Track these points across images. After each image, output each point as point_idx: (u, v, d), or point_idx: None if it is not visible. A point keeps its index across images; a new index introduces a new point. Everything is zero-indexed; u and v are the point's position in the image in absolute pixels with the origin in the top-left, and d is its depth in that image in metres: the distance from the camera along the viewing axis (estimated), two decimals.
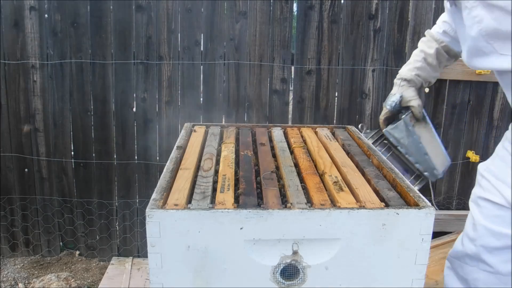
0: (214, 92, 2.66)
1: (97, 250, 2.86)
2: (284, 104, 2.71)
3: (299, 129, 1.86)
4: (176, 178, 1.27)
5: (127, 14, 2.54)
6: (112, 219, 2.81)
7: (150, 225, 1.04)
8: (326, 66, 2.66)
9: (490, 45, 1.16)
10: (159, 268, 1.07)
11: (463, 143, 2.83)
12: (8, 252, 2.85)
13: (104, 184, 2.77)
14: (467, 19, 1.19)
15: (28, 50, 2.56)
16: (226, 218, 1.05)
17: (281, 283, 1.11)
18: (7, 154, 2.69)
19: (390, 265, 1.12)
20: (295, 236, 1.08)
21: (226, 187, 1.20)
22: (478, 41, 1.18)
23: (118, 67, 2.60)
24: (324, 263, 1.11)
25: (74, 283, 2.59)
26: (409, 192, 1.19)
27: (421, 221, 1.09)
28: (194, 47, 2.60)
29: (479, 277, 1.45)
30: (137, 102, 2.67)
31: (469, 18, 1.18)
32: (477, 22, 1.16)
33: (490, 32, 1.15)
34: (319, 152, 1.53)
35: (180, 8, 2.56)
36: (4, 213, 2.77)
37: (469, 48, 1.24)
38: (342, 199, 1.15)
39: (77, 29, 2.54)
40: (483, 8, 1.14)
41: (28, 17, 2.52)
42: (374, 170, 1.39)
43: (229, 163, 1.40)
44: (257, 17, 2.58)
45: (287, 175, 1.31)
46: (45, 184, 2.75)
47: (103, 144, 2.71)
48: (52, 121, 2.66)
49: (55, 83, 2.61)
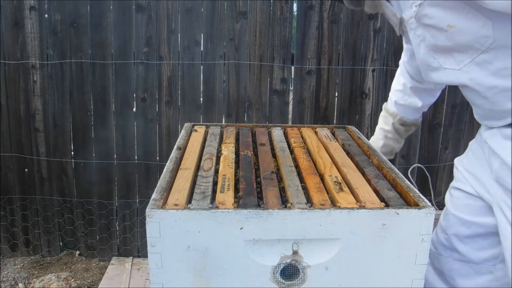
0: (214, 92, 2.66)
1: (97, 250, 2.86)
2: (284, 104, 2.71)
3: (299, 129, 1.86)
4: (176, 178, 1.27)
5: (127, 14, 2.54)
6: (112, 219, 2.81)
7: (150, 225, 1.04)
8: (326, 66, 2.66)
9: (436, 60, 1.26)
10: (159, 268, 1.07)
11: (463, 143, 2.83)
12: (8, 252, 2.85)
13: (104, 184, 2.77)
14: (414, 38, 1.31)
15: (28, 50, 2.56)
16: (226, 218, 1.05)
17: (281, 283, 1.11)
18: (7, 154, 2.69)
19: (390, 265, 1.12)
20: (295, 236, 1.08)
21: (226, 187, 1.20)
22: (427, 57, 1.29)
23: (118, 67, 2.60)
24: (324, 263, 1.11)
25: (74, 283, 2.59)
26: (409, 192, 1.19)
27: (421, 221, 1.09)
28: (194, 47, 2.60)
29: (453, 267, 1.49)
30: (137, 102, 2.67)
31: (415, 37, 1.30)
32: (422, 40, 1.27)
33: (433, 48, 1.25)
34: (319, 152, 1.53)
35: (180, 8, 2.56)
36: (4, 213, 2.77)
37: (421, 64, 1.35)
38: (342, 199, 1.15)
39: (77, 29, 2.54)
40: (423, 28, 1.25)
41: (28, 17, 2.52)
42: (374, 170, 1.39)
43: (229, 163, 1.40)
44: (257, 17, 2.58)
45: (287, 175, 1.31)
46: (45, 184, 2.75)
47: (103, 144, 2.71)
48: (52, 121, 2.66)
49: (55, 83, 2.61)
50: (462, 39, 1.16)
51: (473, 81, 1.21)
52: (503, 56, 1.14)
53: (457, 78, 1.23)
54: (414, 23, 1.27)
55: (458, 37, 1.16)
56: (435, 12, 1.17)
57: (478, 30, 1.12)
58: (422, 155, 2.84)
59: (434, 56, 1.26)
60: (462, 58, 1.20)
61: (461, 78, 1.23)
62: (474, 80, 1.20)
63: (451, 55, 1.22)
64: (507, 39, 1.12)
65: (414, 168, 2.67)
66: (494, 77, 1.18)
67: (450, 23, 1.15)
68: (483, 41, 1.14)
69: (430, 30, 1.22)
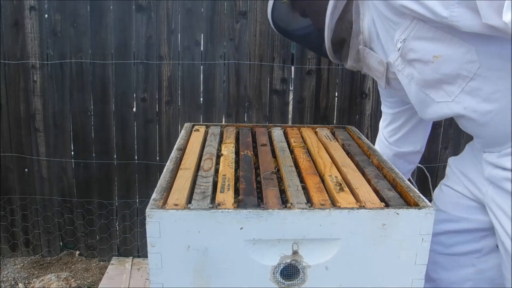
0: (214, 92, 2.66)
1: (97, 250, 2.86)
2: (284, 104, 2.71)
3: (299, 129, 1.86)
4: (176, 178, 1.27)
5: (127, 14, 2.54)
6: (112, 219, 2.81)
7: (150, 225, 1.04)
8: (326, 66, 2.66)
9: (428, 95, 1.28)
10: (159, 268, 1.07)
11: (463, 143, 2.83)
12: (8, 252, 2.85)
13: (104, 184, 2.77)
14: (403, 79, 1.32)
15: (28, 50, 2.56)
16: (226, 218, 1.05)
17: (281, 283, 1.11)
18: (7, 154, 2.69)
19: (390, 265, 1.12)
20: (295, 236, 1.08)
21: (226, 187, 1.20)
22: (419, 95, 1.30)
23: (118, 67, 2.60)
24: (324, 263, 1.11)
25: (74, 283, 2.59)
26: (409, 192, 1.19)
27: (421, 221, 1.09)
28: (194, 47, 2.60)
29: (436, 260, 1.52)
30: (137, 102, 2.67)
31: (404, 78, 1.31)
32: (411, 79, 1.28)
33: (423, 84, 1.26)
34: (319, 152, 1.53)
35: (180, 8, 2.56)
36: (4, 213, 2.77)
37: (415, 103, 1.36)
38: (342, 199, 1.15)
39: (77, 29, 2.54)
40: (409, 66, 1.26)
41: (28, 17, 2.52)
42: (374, 170, 1.39)
43: (229, 163, 1.40)
44: (257, 17, 2.58)
45: (287, 175, 1.31)
46: (45, 184, 2.75)
47: (103, 144, 2.71)
48: (52, 121, 2.66)
49: (55, 83, 2.61)
50: (448, 67, 1.17)
51: (467, 109, 1.22)
52: (491, 80, 1.16)
53: (451, 109, 1.24)
54: (400, 64, 1.28)
55: (445, 66, 1.17)
56: (419, 45, 1.18)
57: (463, 56, 1.14)
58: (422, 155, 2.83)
59: (425, 92, 1.27)
60: (452, 90, 1.21)
61: (455, 109, 1.24)
62: (468, 108, 1.21)
63: (441, 88, 1.23)
64: (492, 61, 1.13)
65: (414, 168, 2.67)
66: (487, 103, 1.19)
67: (435, 54, 1.17)
68: (469, 67, 1.15)
69: (416, 66, 1.23)
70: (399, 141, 1.76)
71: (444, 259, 1.51)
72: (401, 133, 1.75)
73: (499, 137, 1.24)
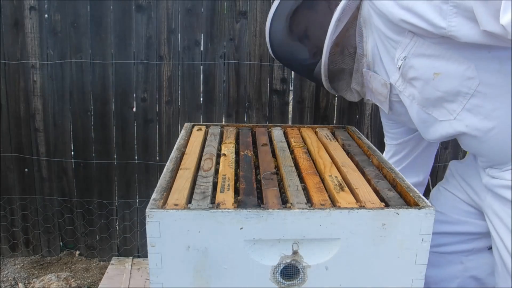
0: (214, 92, 2.66)
1: (97, 250, 2.86)
2: (284, 104, 2.71)
3: (299, 129, 1.86)
4: (176, 178, 1.27)
5: (127, 14, 2.54)
6: (112, 219, 2.81)
7: (150, 225, 1.04)
8: None
9: (430, 115, 1.28)
10: (159, 268, 1.07)
11: None
12: (8, 252, 2.85)
13: (104, 184, 2.77)
14: (405, 100, 1.32)
15: (28, 50, 2.56)
16: (226, 218, 1.05)
17: (281, 283, 1.11)
18: (7, 154, 2.69)
19: (390, 265, 1.12)
20: (295, 236, 1.08)
21: (226, 187, 1.20)
22: (421, 115, 1.30)
23: (118, 67, 2.60)
24: (324, 263, 1.11)
25: (74, 283, 2.59)
26: (409, 192, 1.19)
27: (421, 221, 1.09)
28: (194, 47, 2.60)
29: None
30: (137, 102, 2.67)
31: (405, 99, 1.31)
32: (412, 99, 1.29)
33: (424, 103, 1.27)
34: (319, 152, 1.53)
35: (180, 8, 2.56)
36: (4, 213, 2.77)
37: (418, 124, 1.36)
38: (342, 199, 1.15)
39: (77, 29, 2.54)
40: (410, 86, 1.27)
41: (28, 17, 2.52)
42: (374, 170, 1.39)
43: (229, 163, 1.40)
44: (257, 17, 2.58)
45: (287, 175, 1.31)
46: (45, 184, 2.75)
47: (103, 144, 2.71)
48: (52, 121, 2.66)
49: (55, 83, 2.61)
50: (449, 85, 1.17)
51: (469, 127, 1.22)
52: (491, 97, 1.16)
53: (454, 128, 1.25)
54: (402, 84, 1.29)
55: (445, 83, 1.18)
56: (419, 62, 1.19)
57: (463, 73, 1.14)
58: None
59: (427, 111, 1.28)
60: (453, 107, 1.21)
61: (458, 127, 1.24)
62: (470, 126, 1.22)
63: (443, 106, 1.24)
64: (492, 78, 1.14)
65: None
66: (488, 120, 1.19)
67: (435, 71, 1.18)
68: (469, 84, 1.15)
69: (417, 85, 1.23)
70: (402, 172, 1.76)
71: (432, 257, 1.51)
72: (404, 164, 1.74)
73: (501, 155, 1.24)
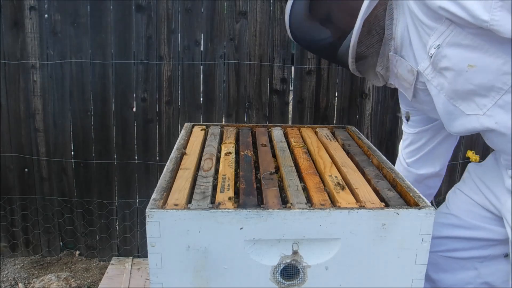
0: (214, 92, 2.66)
1: (97, 250, 2.86)
2: (284, 104, 2.71)
3: (299, 129, 1.86)
4: (176, 178, 1.27)
5: (127, 14, 2.54)
6: (112, 219, 2.81)
7: (150, 225, 1.04)
8: (326, 66, 2.66)
9: (457, 107, 1.22)
10: (159, 268, 1.07)
11: (463, 143, 2.83)
12: (8, 252, 2.85)
13: (104, 184, 2.77)
14: (432, 89, 1.26)
15: (28, 50, 2.56)
16: (226, 218, 1.05)
17: (281, 283, 1.11)
18: (7, 154, 2.69)
19: (390, 265, 1.12)
20: (295, 236, 1.08)
21: (226, 187, 1.20)
22: (447, 106, 1.24)
23: (118, 67, 2.60)
24: (324, 263, 1.11)
25: (74, 283, 2.59)
26: (409, 192, 1.19)
27: (421, 221, 1.09)
28: (194, 47, 2.60)
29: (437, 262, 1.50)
30: (137, 102, 2.67)
31: (433, 88, 1.25)
32: (440, 90, 1.22)
33: (452, 95, 1.20)
34: (319, 152, 1.53)
35: (180, 8, 2.56)
36: (4, 213, 2.77)
37: (442, 115, 1.29)
38: (342, 199, 1.15)
39: (77, 29, 2.54)
40: (439, 76, 1.20)
41: (28, 17, 2.52)
42: (374, 170, 1.39)
43: (229, 163, 1.40)
44: (257, 17, 2.58)
45: (287, 175, 1.31)
46: (45, 184, 2.75)
47: (103, 144, 2.71)
48: (52, 121, 2.66)
49: (55, 83, 2.61)
50: (483, 79, 1.11)
51: (499, 124, 1.15)
52: None
53: (481, 123, 1.18)
54: (431, 73, 1.22)
55: (479, 77, 1.11)
56: (454, 52, 1.12)
57: (499, 67, 1.08)
58: None
59: (455, 103, 1.21)
60: (484, 102, 1.15)
61: (486, 123, 1.17)
62: (500, 123, 1.15)
63: (472, 100, 1.17)
64: None
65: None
66: None
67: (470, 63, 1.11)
68: (505, 79, 1.09)
69: (448, 75, 1.17)
70: (417, 162, 1.68)
71: (445, 261, 1.48)
72: (420, 154, 1.67)
73: None
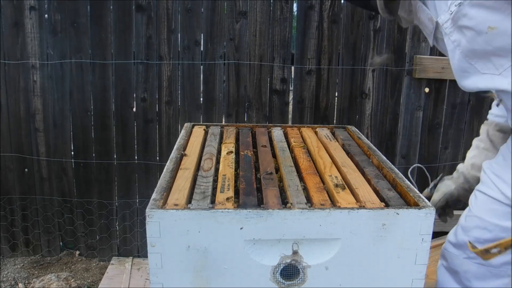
0: (214, 92, 2.66)
1: (97, 250, 2.86)
2: (284, 104, 2.71)
3: (299, 129, 1.86)
4: (176, 178, 1.27)
5: (127, 14, 2.54)
6: (112, 219, 2.81)
7: (150, 225, 1.04)
8: (326, 66, 2.66)
9: (472, 65, 1.20)
10: (159, 268, 1.07)
11: (463, 143, 2.83)
12: (8, 252, 2.85)
13: (104, 184, 2.77)
14: (449, 44, 1.25)
15: (28, 50, 2.56)
16: (226, 218, 1.05)
17: (281, 283, 1.11)
18: (7, 154, 2.69)
19: (390, 265, 1.12)
20: (295, 236, 1.08)
21: (226, 187, 1.20)
22: (462, 63, 1.23)
23: (118, 67, 2.60)
24: (324, 263, 1.11)
25: (74, 283, 2.59)
26: (409, 192, 1.19)
27: (421, 221, 1.09)
28: (194, 47, 2.60)
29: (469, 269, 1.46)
30: (137, 102, 2.67)
31: (450, 43, 1.24)
32: (456, 46, 1.21)
33: (469, 54, 1.19)
34: (319, 152, 1.53)
35: (180, 8, 2.56)
36: (4, 213, 2.77)
37: (456, 71, 1.28)
38: (342, 199, 1.15)
39: (77, 29, 2.54)
40: (458, 32, 1.19)
41: (28, 17, 2.52)
42: (374, 170, 1.39)
43: (229, 163, 1.40)
44: (257, 17, 2.58)
45: (287, 175, 1.31)
46: (45, 184, 2.75)
47: (103, 144, 2.71)
48: (52, 121, 2.66)
49: (55, 83, 2.61)
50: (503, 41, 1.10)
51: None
52: None
53: (495, 83, 1.17)
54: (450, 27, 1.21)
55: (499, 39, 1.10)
56: (475, 13, 1.11)
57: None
58: (422, 155, 2.84)
59: (470, 61, 1.19)
60: (501, 62, 1.14)
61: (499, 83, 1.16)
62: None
63: (489, 60, 1.16)
64: None
65: (414, 168, 2.66)
66: None
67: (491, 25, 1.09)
68: None
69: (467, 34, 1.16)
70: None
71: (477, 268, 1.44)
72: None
73: None
